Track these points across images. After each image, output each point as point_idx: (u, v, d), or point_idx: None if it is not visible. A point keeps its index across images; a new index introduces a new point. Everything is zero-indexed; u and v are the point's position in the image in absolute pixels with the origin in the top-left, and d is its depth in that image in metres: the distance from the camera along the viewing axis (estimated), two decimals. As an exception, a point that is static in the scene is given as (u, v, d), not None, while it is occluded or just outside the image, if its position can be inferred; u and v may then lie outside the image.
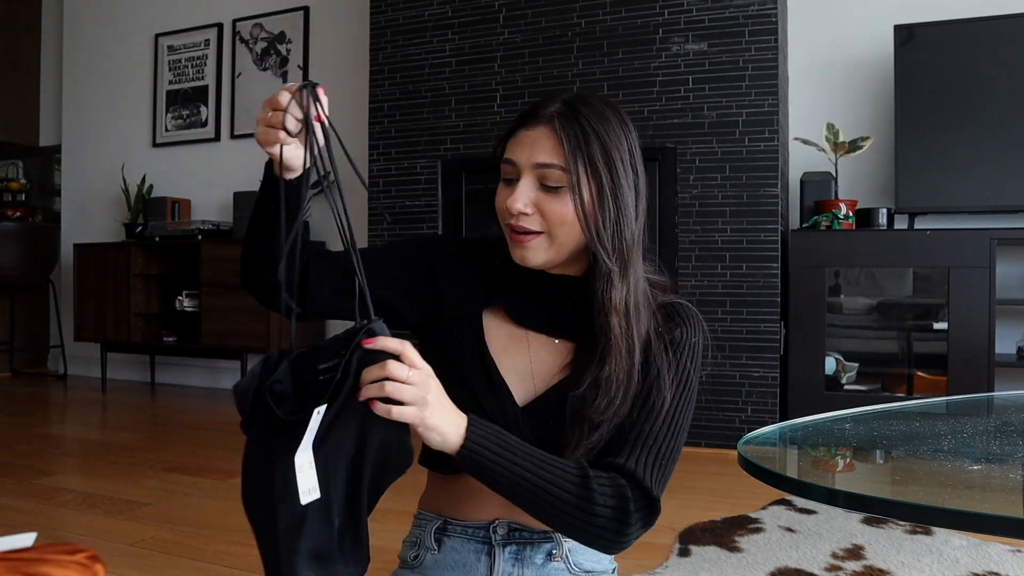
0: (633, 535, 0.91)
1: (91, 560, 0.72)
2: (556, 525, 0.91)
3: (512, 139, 0.99)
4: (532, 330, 1.04)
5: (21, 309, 5.45)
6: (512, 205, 0.95)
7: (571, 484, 0.89)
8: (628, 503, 0.89)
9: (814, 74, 3.61)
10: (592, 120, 0.95)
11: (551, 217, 0.95)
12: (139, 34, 5.30)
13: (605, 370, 0.95)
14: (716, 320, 3.21)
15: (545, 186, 0.95)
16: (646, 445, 0.94)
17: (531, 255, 0.98)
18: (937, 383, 3.10)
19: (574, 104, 0.97)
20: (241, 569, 1.92)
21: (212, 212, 4.96)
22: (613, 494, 0.90)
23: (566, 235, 0.96)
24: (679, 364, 0.98)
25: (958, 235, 3.04)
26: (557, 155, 0.94)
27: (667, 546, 2.07)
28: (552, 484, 0.88)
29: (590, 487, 0.89)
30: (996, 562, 1.93)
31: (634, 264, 0.98)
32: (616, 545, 0.92)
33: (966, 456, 1.10)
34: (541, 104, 0.98)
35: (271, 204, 0.96)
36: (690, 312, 1.02)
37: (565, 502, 0.88)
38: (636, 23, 3.40)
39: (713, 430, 3.22)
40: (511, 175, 0.98)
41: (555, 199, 0.95)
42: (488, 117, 3.67)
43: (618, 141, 0.96)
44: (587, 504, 0.88)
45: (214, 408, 4.32)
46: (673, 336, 0.99)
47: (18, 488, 2.63)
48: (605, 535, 0.90)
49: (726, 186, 3.24)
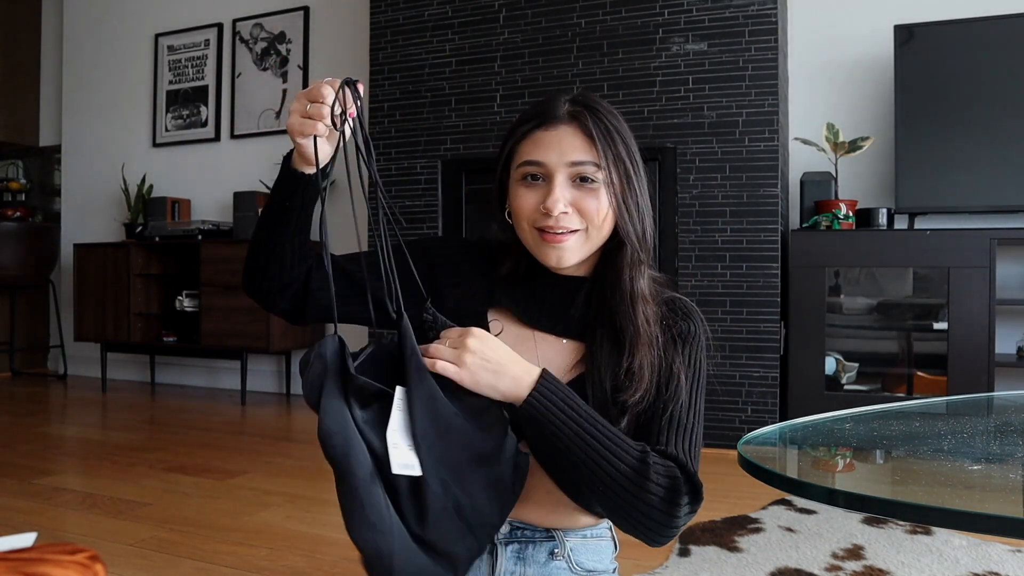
0: (681, 521, 0.90)
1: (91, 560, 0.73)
2: (605, 498, 0.90)
3: (528, 141, 0.99)
4: (539, 330, 1.04)
5: (21, 309, 5.45)
6: (554, 206, 0.96)
7: (631, 457, 0.89)
8: (680, 485, 0.89)
9: (814, 74, 3.61)
10: (609, 117, 0.99)
11: (589, 213, 0.97)
12: (139, 34, 5.30)
13: (637, 358, 0.96)
14: (716, 320, 3.21)
15: (580, 183, 0.97)
16: (679, 431, 0.94)
17: (567, 255, 0.98)
18: (937, 383, 3.10)
19: (588, 103, 0.99)
20: (241, 569, 1.92)
21: (212, 212, 4.96)
22: (666, 474, 0.89)
23: (599, 232, 0.99)
24: (691, 354, 1.00)
25: (958, 235, 3.04)
26: (589, 152, 0.96)
27: (667, 546, 2.07)
28: (611, 452, 0.88)
29: (648, 462, 0.89)
30: (996, 562, 1.93)
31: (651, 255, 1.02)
32: (663, 529, 0.90)
33: (966, 456, 1.10)
34: (551, 105, 1.00)
35: (287, 200, 0.97)
36: (692, 307, 1.04)
37: (621, 473, 0.88)
38: (636, 23, 3.40)
39: (713, 430, 3.22)
40: (538, 175, 0.98)
41: (591, 195, 0.97)
42: (488, 117, 3.67)
43: (629, 135, 1.01)
44: (642, 480, 0.88)
45: (214, 408, 4.32)
46: (681, 328, 1.01)
47: (18, 488, 2.63)
48: (654, 516, 0.88)
49: (726, 186, 3.24)
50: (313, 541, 2.11)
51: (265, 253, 1.00)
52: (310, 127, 0.90)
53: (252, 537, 2.15)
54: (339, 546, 2.04)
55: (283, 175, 0.98)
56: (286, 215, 0.98)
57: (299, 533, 2.18)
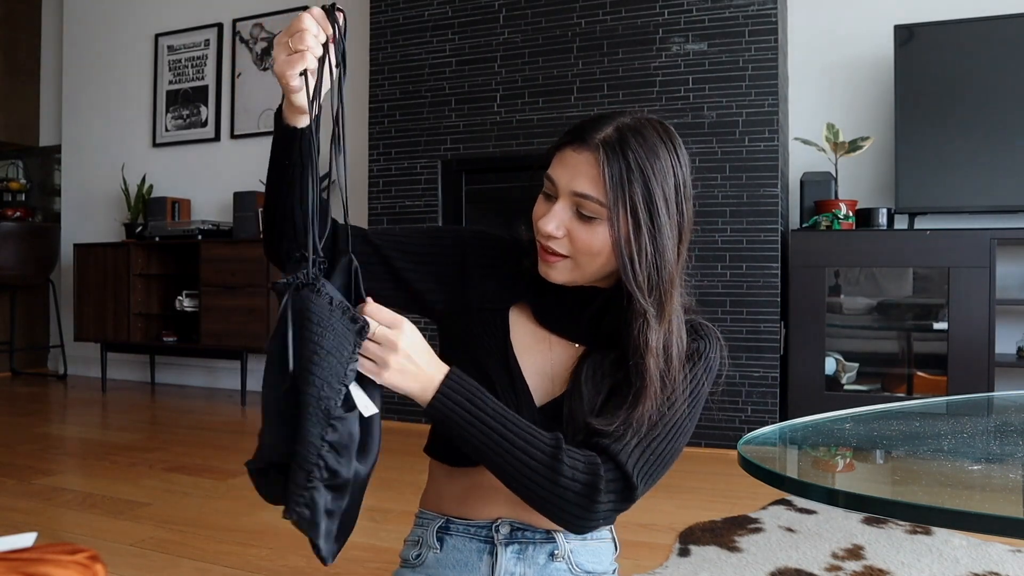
0: (601, 514, 0.91)
1: (91, 560, 0.73)
2: (522, 491, 0.91)
3: (558, 154, 0.97)
4: (555, 333, 1.04)
5: (21, 309, 5.45)
6: (544, 227, 0.95)
7: (540, 452, 0.89)
8: (599, 480, 0.89)
9: (814, 74, 3.61)
10: (639, 154, 0.92)
11: (579, 245, 0.95)
12: (139, 34, 5.30)
13: (638, 410, 0.93)
14: (716, 320, 3.21)
15: (580, 214, 0.94)
16: (641, 436, 0.93)
17: (554, 274, 0.98)
18: (937, 383, 3.10)
19: (625, 134, 0.93)
20: (241, 569, 1.92)
21: (212, 212, 4.96)
22: (584, 469, 0.90)
23: (591, 264, 0.96)
24: (693, 374, 0.98)
25: (958, 235, 3.04)
26: (596, 187, 0.92)
27: (667, 546, 2.07)
28: (520, 448, 0.89)
29: (559, 457, 0.89)
30: (996, 562, 1.93)
31: (672, 305, 0.96)
32: (581, 521, 0.91)
33: (966, 456, 1.10)
34: (594, 124, 0.95)
35: (285, 158, 0.94)
36: (711, 331, 1.03)
37: (531, 468, 0.89)
38: (636, 23, 3.40)
39: (713, 430, 3.22)
40: (550, 192, 0.97)
41: (587, 229, 0.94)
42: (488, 117, 3.67)
43: (663, 179, 0.93)
44: (553, 473, 0.89)
45: (214, 408, 4.32)
46: (692, 349, 0.99)
47: (18, 488, 2.63)
48: (570, 508, 0.90)
49: (726, 186, 3.24)
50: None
51: (280, 215, 0.98)
52: (298, 59, 0.86)
53: (252, 537, 2.15)
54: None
55: (277, 134, 0.95)
56: (289, 174, 0.96)
57: (299, 533, 2.17)
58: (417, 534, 1.09)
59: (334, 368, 0.82)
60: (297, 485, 0.82)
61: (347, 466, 0.83)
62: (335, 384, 0.82)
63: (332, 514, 0.85)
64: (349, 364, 0.84)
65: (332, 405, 0.82)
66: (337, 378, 0.82)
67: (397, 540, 1.13)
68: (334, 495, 0.84)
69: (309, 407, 0.81)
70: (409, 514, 1.11)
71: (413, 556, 1.08)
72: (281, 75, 0.87)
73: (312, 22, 0.86)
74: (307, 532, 0.84)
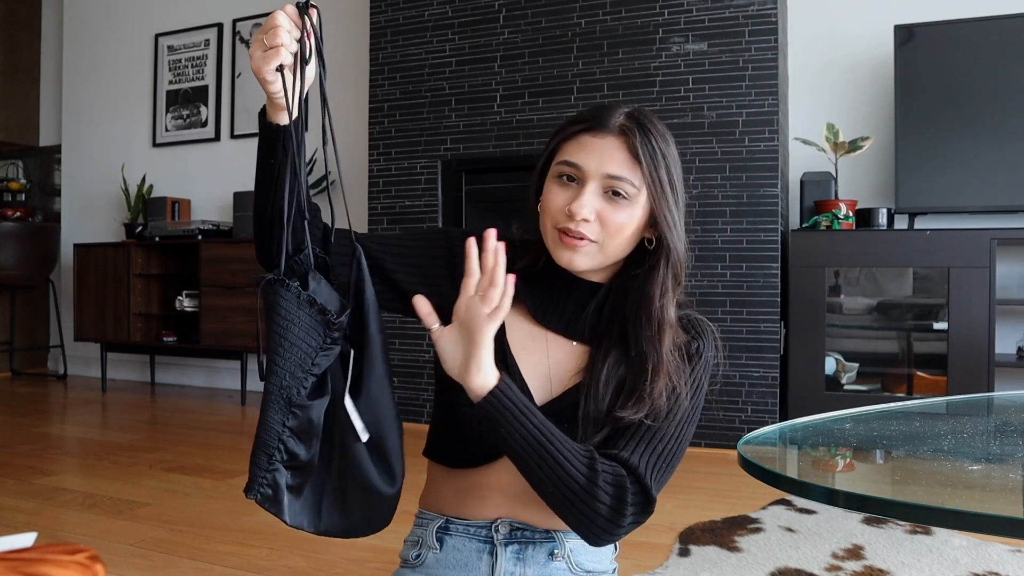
0: (625, 528, 0.92)
1: (91, 560, 0.72)
2: (556, 500, 0.91)
3: (573, 141, 0.99)
4: (551, 330, 1.04)
5: (21, 309, 5.45)
6: (578, 211, 0.95)
7: (580, 462, 0.90)
8: (626, 493, 0.90)
9: (814, 74, 3.61)
10: (659, 140, 0.98)
11: (610, 227, 0.96)
12: (139, 34, 5.30)
13: (656, 386, 0.95)
14: (716, 320, 3.18)
15: (610, 196, 0.96)
16: (651, 443, 0.94)
17: (580, 259, 0.98)
18: (937, 383, 3.10)
19: (643, 121, 0.98)
20: (241, 569, 1.92)
21: (212, 212, 4.96)
22: (613, 481, 0.90)
23: (616, 246, 0.98)
24: (693, 374, 0.99)
25: (958, 235, 3.04)
26: (630, 168, 0.96)
27: (667, 546, 2.07)
28: (563, 456, 0.89)
29: (596, 468, 0.90)
30: (996, 562, 1.93)
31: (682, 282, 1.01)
32: (606, 535, 0.92)
33: (966, 456, 1.10)
34: (605, 112, 0.99)
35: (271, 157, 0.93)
36: (707, 327, 1.04)
37: (572, 477, 0.89)
38: (636, 23, 3.40)
39: (713, 430, 3.22)
40: (574, 176, 0.98)
41: (618, 210, 0.97)
42: (488, 117, 3.67)
43: (675, 161, 1.00)
44: (591, 485, 0.89)
45: (214, 408, 4.32)
46: (690, 348, 1.00)
47: (18, 488, 2.63)
48: (599, 521, 0.90)
49: (726, 186, 3.24)
50: (313, 541, 2.11)
51: (268, 218, 0.96)
52: (273, 55, 0.86)
53: (252, 537, 2.15)
54: (339, 546, 2.04)
55: (261, 134, 0.94)
56: (275, 172, 0.94)
57: (299, 533, 2.17)
58: (417, 534, 1.09)
59: (299, 359, 0.89)
60: (259, 467, 0.89)
61: (307, 450, 0.90)
62: (298, 374, 0.89)
63: (296, 489, 0.92)
64: (318, 354, 0.90)
65: (294, 394, 0.89)
66: (302, 368, 0.89)
67: (397, 540, 1.13)
68: (294, 473, 0.91)
69: (272, 395, 0.88)
70: (409, 514, 1.11)
71: (413, 556, 1.08)
72: (257, 71, 0.88)
73: (285, 18, 0.88)
74: (271, 510, 0.90)
